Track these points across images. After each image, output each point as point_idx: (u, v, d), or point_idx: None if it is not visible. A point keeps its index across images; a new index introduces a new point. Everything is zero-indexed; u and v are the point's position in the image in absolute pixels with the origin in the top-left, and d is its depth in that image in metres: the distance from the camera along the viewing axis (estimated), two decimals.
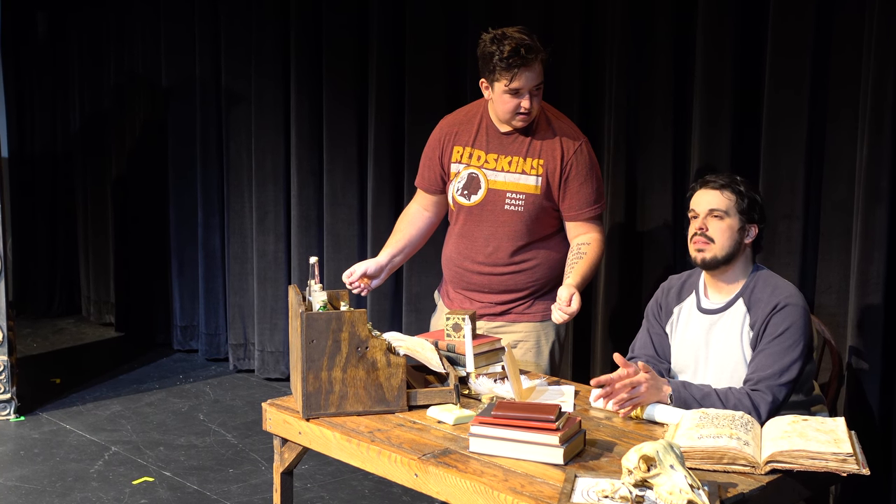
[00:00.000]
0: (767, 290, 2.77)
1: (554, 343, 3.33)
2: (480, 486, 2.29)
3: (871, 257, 3.28)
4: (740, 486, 2.25)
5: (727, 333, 2.81)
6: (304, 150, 5.40)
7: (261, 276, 5.66)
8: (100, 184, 6.87)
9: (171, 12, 6.06)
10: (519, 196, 3.22)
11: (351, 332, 2.70)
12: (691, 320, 2.90)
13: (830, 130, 3.49)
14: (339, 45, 5.17)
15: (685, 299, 2.94)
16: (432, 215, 3.49)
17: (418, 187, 3.48)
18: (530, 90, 3.11)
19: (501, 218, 3.25)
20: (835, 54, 3.45)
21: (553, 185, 3.22)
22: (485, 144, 3.28)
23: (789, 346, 2.69)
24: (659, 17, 3.90)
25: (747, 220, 2.80)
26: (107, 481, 4.24)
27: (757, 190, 2.86)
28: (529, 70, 3.08)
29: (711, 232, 2.79)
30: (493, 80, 3.12)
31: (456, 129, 3.35)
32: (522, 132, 3.23)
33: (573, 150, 3.21)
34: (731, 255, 2.80)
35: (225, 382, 5.69)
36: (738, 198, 2.79)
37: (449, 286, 3.43)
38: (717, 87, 3.70)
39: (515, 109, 3.14)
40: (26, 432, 4.82)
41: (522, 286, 3.29)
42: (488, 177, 3.26)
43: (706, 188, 2.83)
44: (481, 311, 3.29)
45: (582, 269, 3.17)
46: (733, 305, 2.82)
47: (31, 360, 6.05)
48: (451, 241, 3.40)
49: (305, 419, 2.72)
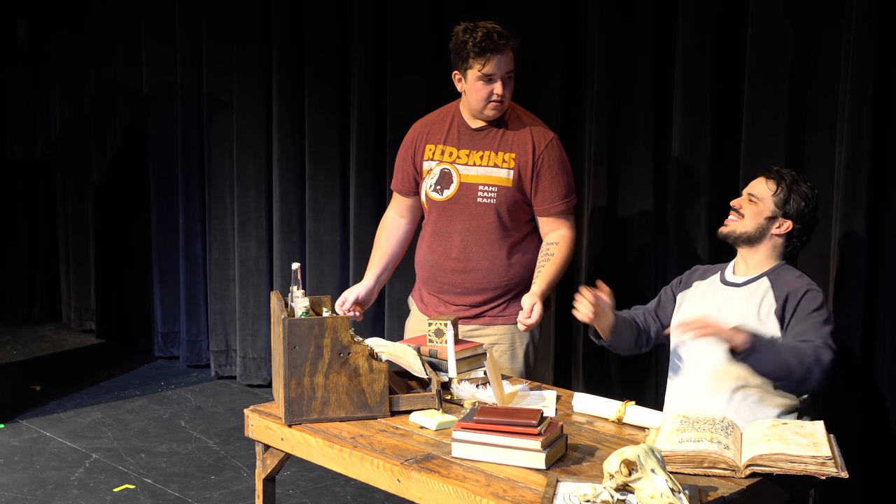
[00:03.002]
0: (794, 276, 2.86)
1: (528, 345, 3.34)
2: (463, 491, 2.29)
3: (849, 264, 3.32)
4: (721, 490, 2.27)
5: (744, 302, 2.86)
6: (286, 157, 5.40)
7: (243, 282, 5.65)
8: (80, 190, 6.84)
9: (153, 18, 6.05)
10: (491, 188, 3.25)
11: (333, 338, 2.70)
12: (711, 289, 2.97)
13: (809, 139, 3.52)
14: (321, 54, 5.17)
15: (709, 277, 3.03)
16: (408, 222, 3.51)
17: (394, 190, 3.52)
18: (502, 77, 3.16)
19: (475, 211, 3.27)
20: (812, 66, 3.49)
21: (525, 179, 3.25)
22: (456, 141, 3.32)
23: (823, 322, 2.76)
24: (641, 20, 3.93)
25: (782, 213, 2.88)
26: (88, 489, 4.22)
27: (810, 196, 2.90)
28: (502, 55, 3.15)
29: (743, 211, 2.93)
30: (466, 68, 3.18)
31: (428, 129, 3.40)
32: (494, 125, 3.28)
33: (545, 145, 3.26)
34: (753, 237, 2.90)
35: (207, 389, 5.67)
36: (777, 188, 2.89)
37: (423, 290, 3.44)
38: (697, 98, 3.73)
39: (488, 97, 3.18)
40: (6, 440, 4.79)
41: (496, 285, 3.30)
42: (460, 171, 3.29)
43: (761, 176, 2.96)
44: (456, 313, 3.30)
45: (548, 274, 3.22)
46: (757, 281, 2.89)
47: (11, 367, 6.01)
48: (425, 241, 3.41)
49: (288, 425, 2.72)
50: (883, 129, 3.25)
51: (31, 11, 6.98)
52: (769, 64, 3.53)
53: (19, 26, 7.02)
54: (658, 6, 3.87)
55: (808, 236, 2.96)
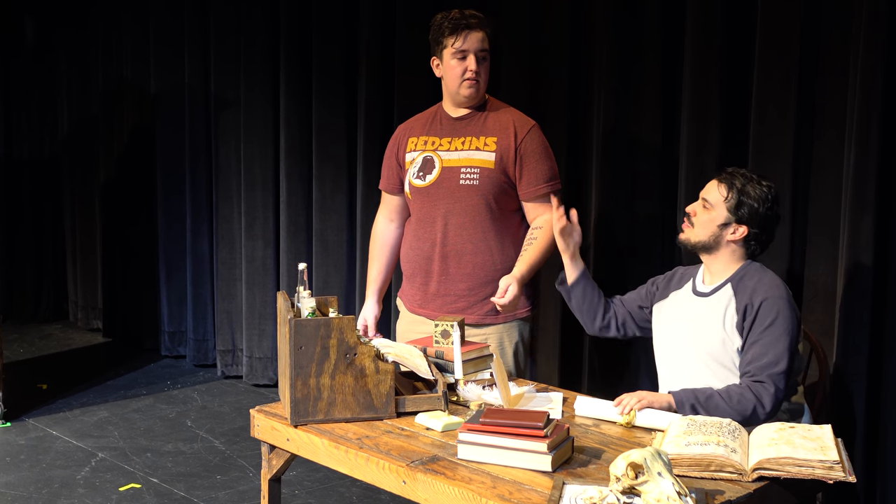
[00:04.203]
0: (754, 280, 2.83)
1: (517, 344, 3.34)
2: (468, 493, 2.29)
3: (858, 265, 3.30)
4: (727, 494, 2.26)
5: (711, 313, 2.86)
6: (293, 157, 5.40)
7: (249, 281, 5.65)
8: (88, 189, 6.85)
9: (161, 18, 6.05)
10: (473, 170, 3.26)
11: (339, 339, 2.70)
12: (683, 301, 2.96)
13: (817, 141, 3.51)
14: (329, 52, 5.17)
15: (684, 285, 3.01)
16: (398, 226, 3.52)
17: (382, 189, 3.54)
18: (476, 53, 3.22)
19: (458, 193, 3.27)
20: (821, 67, 3.47)
21: (508, 162, 3.26)
22: (438, 130, 3.36)
23: (779, 336, 2.73)
24: (647, 21, 3.92)
25: (735, 218, 2.83)
26: (93, 488, 4.23)
27: (763, 196, 2.83)
28: (474, 31, 3.22)
29: (696, 218, 2.89)
30: (442, 48, 3.25)
31: (411, 125, 3.46)
32: (477, 110, 3.31)
33: (526, 130, 3.29)
34: (708, 245, 2.87)
35: (213, 388, 5.67)
36: (728, 194, 2.84)
37: (408, 286, 3.44)
38: (705, 97, 3.72)
39: (463, 73, 3.23)
40: (12, 438, 4.80)
41: (481, 273, 3.28)
42: (442, 157, 3.31)
43: (714, 178, 2.91)
44: (444, 310, 3.30)
45: (530, 258, 3.24)
46: (722, 289, 2.87)
47: (18, 366, 6.02)
48: (410, 232, 3.42)
49: (293, 426, 2.72)
50: (892, 128, 3.23)
51: (38, 9, 6.99)
52: (777, 63, 3.52)
53: (27, 24, 7.04)
54: (666, 5, 3.86)
55: (768, 235, 2.88)
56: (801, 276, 3.57)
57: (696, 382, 2.82)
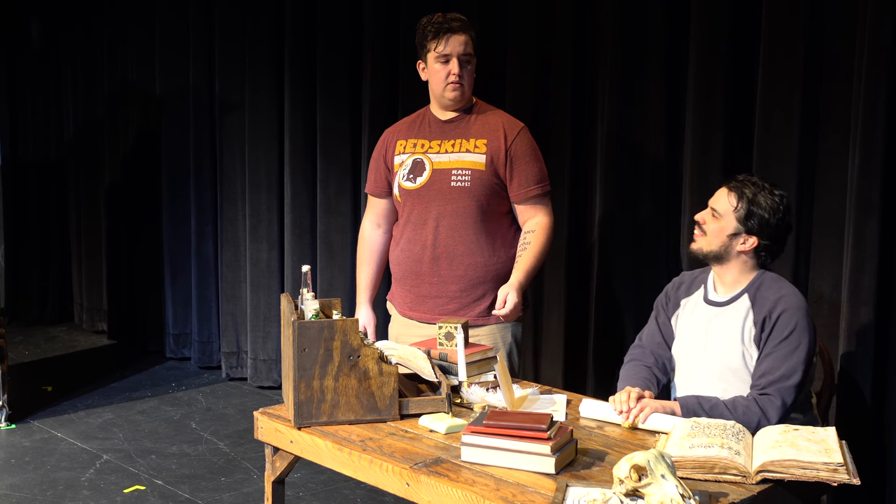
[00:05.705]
0: (773, 290, 2.79)
1: (511, 345, 3.34)
2: (472, 495, 2.29)
3: (862, 269, 3.30)
4: (731, 496, 2.26)
5: (729, 325, 2.82)
6: (297, 159, 5.41)
7: (254, 283, 5.66)
8: (93, 191, 6.87)
9: (167, 21, 6.07)
10: (465, 172, 3.26)
11: (343, 341, 2.70)
12: (696, 310, 2.92)
13: (821, 142, 3.51)
14: (333, 54, 5.18)
15: (693, 293, 2.96)
16: (384, 231, 3.52)
17: (368, 193, 3.54)
18: (459, 57, 3.23)
19: (449, 195, 3.27)
20: (825, 72, 3.47)
21: (499, 164, 3.26)
22: (427, 133, 3.36)
23: (794, 349, 2.71)
24: (652, 25, 3.92)
25: (745, 229, 2.80)
26: (98, 490, 4.23)
27: (775, 206, 2.78)
28: (457, 36, 3.24)
29: (706, 227, 2.85)
30: (426, 52, 3.27)
31: (398, 128, 3.47)
32: (465, 112, 3.31)
33: (516, 132, 3.30)
34: (719, 255, 2.83)
35: (217, 390, 5.68)
36: (738, 204, 2.80)
37: (398, 289, 3.43)
38: (709, 101, 3.72)
39: (446, 77, 3.24)
40: (17, 440, 4.81)
41: (473, 274, 3.28)
42: (432, 160, 3.31)
43: (725, 186, 2.86)
44: (436, 312, 3.30)
45: (526, 263, 3.24)
46: (738, 300, 2.83)
47: (23, 368, 6.03)
48: (400, 234, 3.41)
49: (297, 428, 2.72)
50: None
51: (44, 11, 7.01)
52: (782, 67, 3.52)
53: (33, 26, 7.06)
54: (670, 10, 3.86)
55: (779, 245, 2.84)
56: (805, 279, 3.57)
57: (707, 394, 2.80)
